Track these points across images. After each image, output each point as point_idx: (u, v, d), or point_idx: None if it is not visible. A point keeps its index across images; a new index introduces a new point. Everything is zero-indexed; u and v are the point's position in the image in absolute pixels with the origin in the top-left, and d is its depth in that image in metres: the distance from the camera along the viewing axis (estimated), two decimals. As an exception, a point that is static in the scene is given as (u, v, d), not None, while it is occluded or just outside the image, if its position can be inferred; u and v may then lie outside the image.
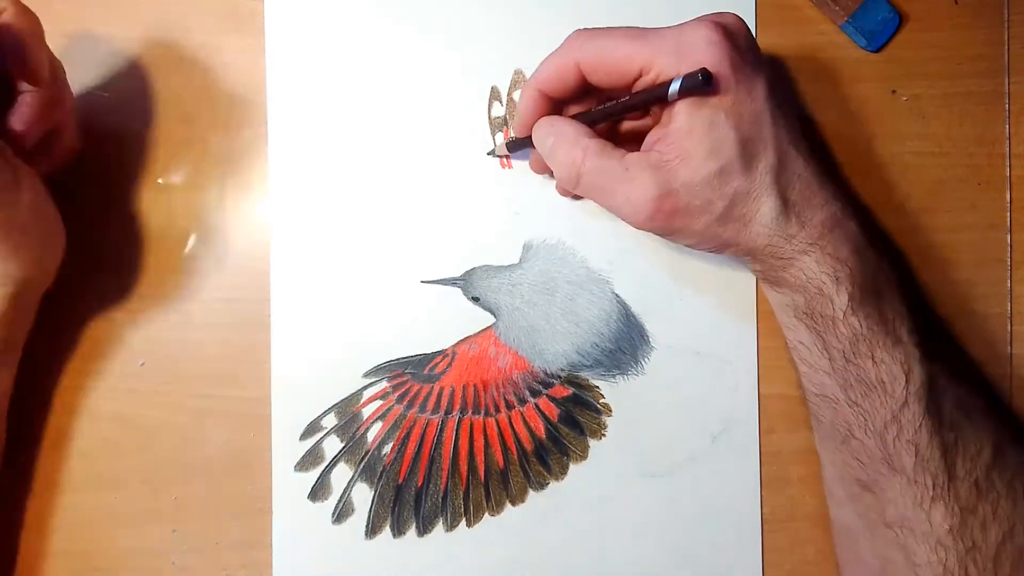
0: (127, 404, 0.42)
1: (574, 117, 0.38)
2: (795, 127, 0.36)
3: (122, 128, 0.42)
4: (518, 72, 0.43)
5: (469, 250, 0.43)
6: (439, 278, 0.43)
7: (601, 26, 0.36)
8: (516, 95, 0.43)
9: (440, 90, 0.43)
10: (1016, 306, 0.44)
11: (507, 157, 0.43)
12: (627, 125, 0.40)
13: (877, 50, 0.44)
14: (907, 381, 0.34)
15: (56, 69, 0.37)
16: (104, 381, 0.42)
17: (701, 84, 0.33)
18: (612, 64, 0.35)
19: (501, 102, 0.43)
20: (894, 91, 0.44)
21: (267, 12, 0.43)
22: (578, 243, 0.43)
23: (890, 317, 0.35)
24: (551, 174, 0.42)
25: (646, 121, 0.38)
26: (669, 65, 0.33)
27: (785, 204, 0.35)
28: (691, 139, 0.34)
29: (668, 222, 0.35)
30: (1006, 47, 0.44)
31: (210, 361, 0.42)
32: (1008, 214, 0.44)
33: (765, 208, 0.34)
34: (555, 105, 0.38)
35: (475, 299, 0.43)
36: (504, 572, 0.42)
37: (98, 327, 0.42)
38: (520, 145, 0.40)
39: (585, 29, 0.36)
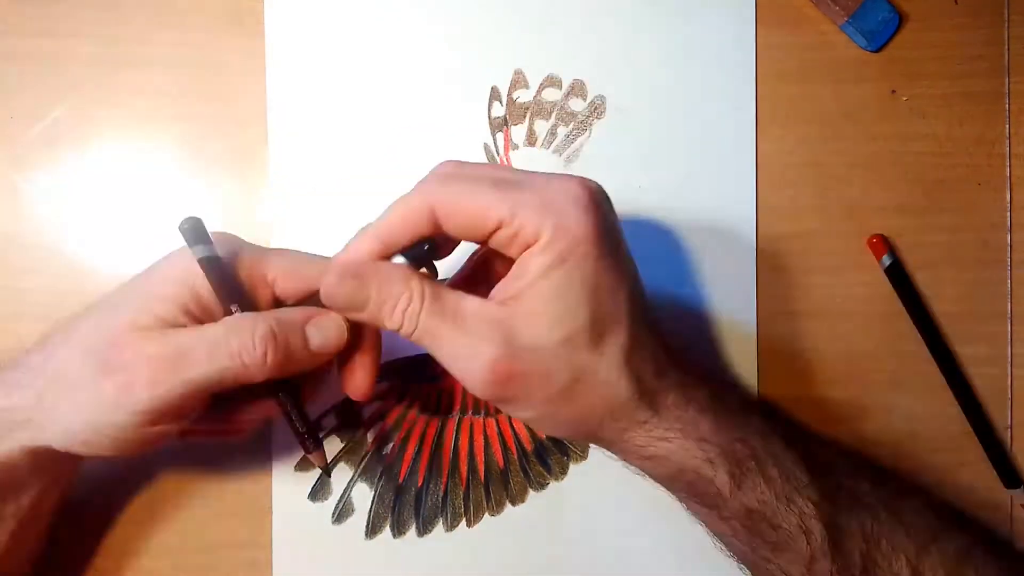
0: (127, 404, 0.42)
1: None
2: (648, 303, 0.34)
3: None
4: (518, 72, 0.43)
5: (469, 250, 0.43)
6: (439, 278, 0.43)
7: (469, 161, 0.33)
8: (516, 95, 0.43)
9: (440, 90, 0.43)
10: (1016, 306, 0.44)
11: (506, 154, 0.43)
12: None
13: (877, 50, 0.44)
14: (808, 540, 0.33)
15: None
16: (104, 381, 0.42)
17: (424, 255, 0.31)
18: (470, 215, 0.31)
19: (501, 102, 0.43)
20: (894, 91, 0.44)
21: (267, 12, 0.43)
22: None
23: (775, 477, 0.33)
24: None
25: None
26: (533, 219, 0.30)
27: (639, 386, 0.32)
28: (541, 298, 0.30)
29: (506, 386, 0.31)
30: (1006, 47, 0.44)
31: (210, 361, 0.42)
32: (1008, 214, 0.44)
33: (615, 390, 0.32)
34: (391, 253, 0.33)
35: (475, 299, 0.43)
36: (504, 572, 0.42)
37: (98, 327, 0.42)
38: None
39: (445, 166, 0.33)
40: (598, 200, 0.32)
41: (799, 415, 0.43)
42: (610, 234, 0.32)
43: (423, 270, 0.33)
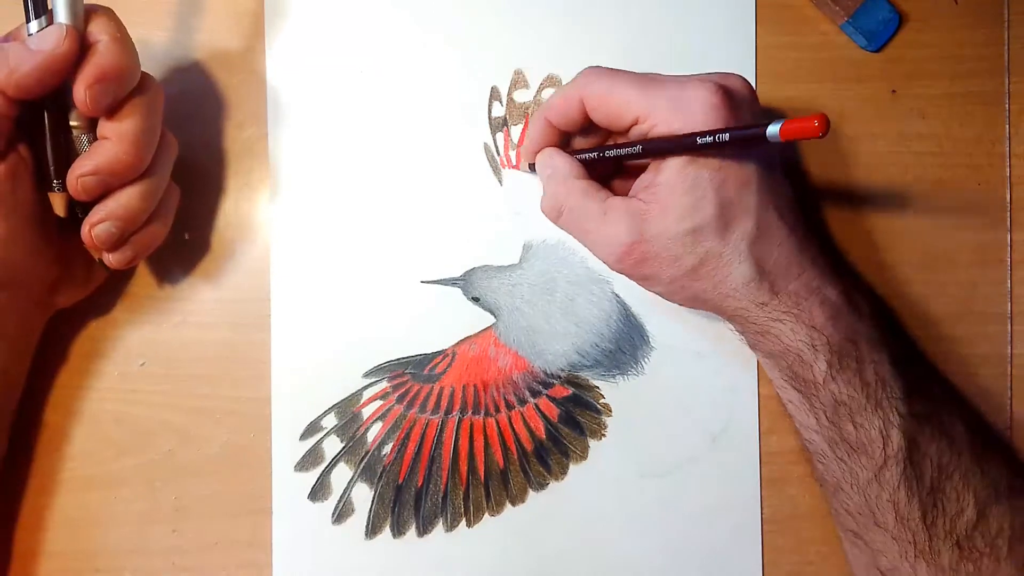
0: (127, 404, 0.42)
1: (575, 152, 0.38)
2: (785, 196, 0.36)
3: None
4: (518, 72, 0.43)
5: (469, 250, 0.43)
6: (439, 278, 0.43)
7: (613, 67, 0.36)
8: (516, 95, 0.43)
9: (440, 90, 0.43)
10: (1016, 306, 0.44)
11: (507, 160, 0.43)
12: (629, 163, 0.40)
13: (877, 50, 0.44)
14: (884, 446, 0.34)
15: (168, 149, 0.37)
16: (104, 381, 0.42)
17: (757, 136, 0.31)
18: (611, 107, 0.35)
19: (501, 102, 0.43)
20: (894, 91, 0.44)
21: (267, 12, 0.43)
22: (578, 243, 0.43)
23: (871, 381, 0.35)
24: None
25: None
26: (664, 120, 0.34)
27: (760, 272, 0.35)
28: (672, 194, 0.34)
29: (637, 267, 0.36)
30: (1006, 47, 0.44)
31: (210, 361, 0.42)
32: (1008, 214, 0.44)
33: (736, 273, 0.35)
34: (562, 135, 0.39)
35: (475, 299, 0.43)
36: (504, 572, 0.42)
37: (98, 327, 0.42)
38: (534, 170, 0.41)
39: (596, 68, 0.36)
40: (729, 101, 0.34)
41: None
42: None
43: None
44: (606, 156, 0.37)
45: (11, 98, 0.33)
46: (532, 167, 0.40)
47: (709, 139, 0.32)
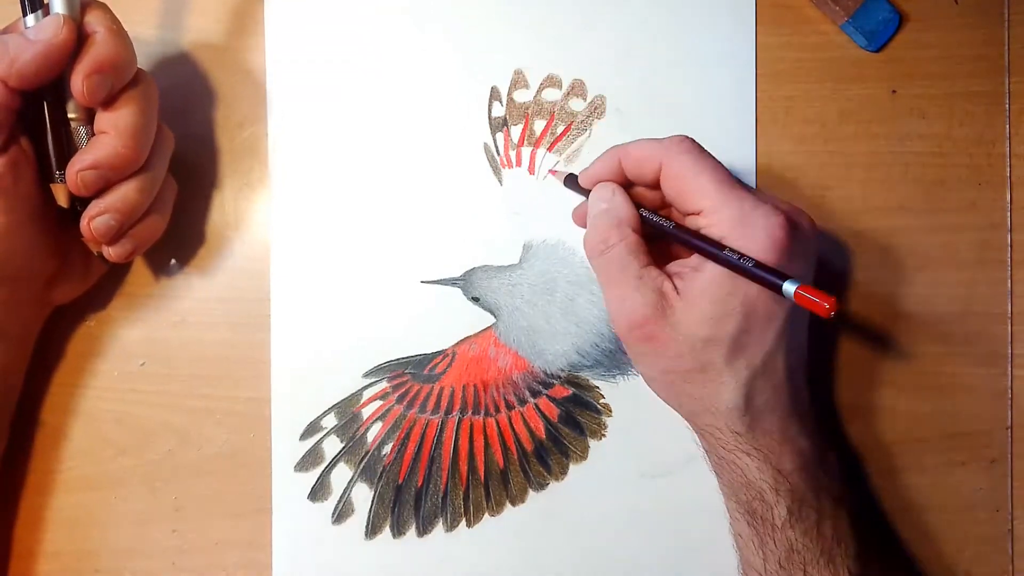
0: (127, 404, 0.42)
1: (640, 204, 0.38)
2: (799, 342, 0.37)
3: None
4: (518, 72, 0.43)
5: (469, 250, 0.43)
6: (439, 278, 0.43)
7: (705, 150, 0.36)
8: (516, 95, 0.43)
9: (440, 90, 0.43)
10: (1016, 306, 0.44)
11: (512, 150, 0.43)
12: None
13: (877, 50, 0.44)
14: None
15: (164, 141, 0.38)
16: (104, 381, 0.42)
17: (772, 283, 0.33)
18: (683, 189, 0.35)
19: (501, 102, 0.43)
20: (894, 91, 0.44)
21: (267, 12, 0.43)
22: (578, 243, 0.43)
23: (827, 535, 0.35)
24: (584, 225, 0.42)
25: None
26: (723, 227, 0.34)
27: (747, 404, 0.35)
28: (703, 297, 0.34)
29: (640, 343, 0.36)
30: (1006, 47, 0.44)
31: (210, 361, 0.42)
32: (1008, 214, 0.44)
33: (725, 395, 0.35)
34: (624, 179, 0.38)
35: (475, 299, 0.43)
36: (504, 572, 0.42)
37: (98, 327, 0.42)
38: (574, 187, 0.40)
39: (690, 142, 0.36)
40: (792, 240, 0.34)
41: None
42: (788, 270, 0.33)
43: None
44: (657, 226, 0.37)
45: (12, 89, 0.33)
46: (568, 182, 0.40)
47: (734, 257, 0.33)
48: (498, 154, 0.43)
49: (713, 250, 0.34)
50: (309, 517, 0.42)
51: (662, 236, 0.37)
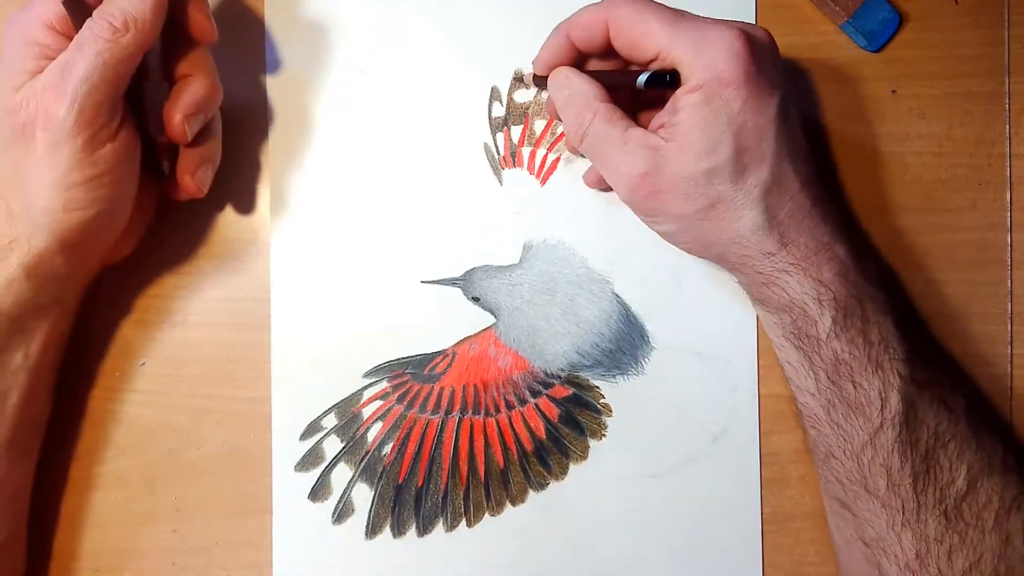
0: (127, 404, 0.42)
1: (589, 73, 0.37)
2: (801, 149, 0.36)
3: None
4: (518, 72, 0.43)
5: (469, 250, 0.43)
6: (439, 278, 0.43)
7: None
8: (516, 95, 0.43)
9: (440, 90, 0.43)
10: (1016, 306, 0.44)
11: (511, 155, 0.43)
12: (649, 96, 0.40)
13: (877, 50, 0.44)
14: (882, 407, 0.34)
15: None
16: (104, 381, 0.42)
17: (667, 84, 0.34)
18: (635, 37, 0.35)
19: (501, 102, 0.43)
20: (894, 91, 0.44)
21: (267, 12, 0.43)
22: (578, 243, 0.43)
23: (874, 342, 0.35)
24: (602, 188, 0.42)
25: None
26: (684, 58, 0.34)
27: (770, 221, 0.35)
28: (690, 133, 0.34)
29: (648, 200, 0.35)
30: (1006, 47, 0.44)
31: (210, 361, 0.42)
32: (1008, 214, 0.44)
33: (746, 219, 0.35)
34: (578, 55, 0.38)
35: (475, 299, 0.43)
36: (504, 572, 0.42)
37: (99, 327, 0.42)
38: (540, 84, 0.39)
39: None
40: (752, 47, 0.34)
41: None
42: (760, 79, 0.34)
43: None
44: (613, 80, 0.37)
45: (140, 48, 0.34)
46: (537, 81, 0.39)
47: (635, 75, 0.34)
48: (498, 154, 0.43)
49: (631, 79, 0.34)
50: (309, 517, 0.42)
51: (640, 101, 0.38)
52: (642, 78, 0.34)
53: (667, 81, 0.34)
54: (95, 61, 0.33)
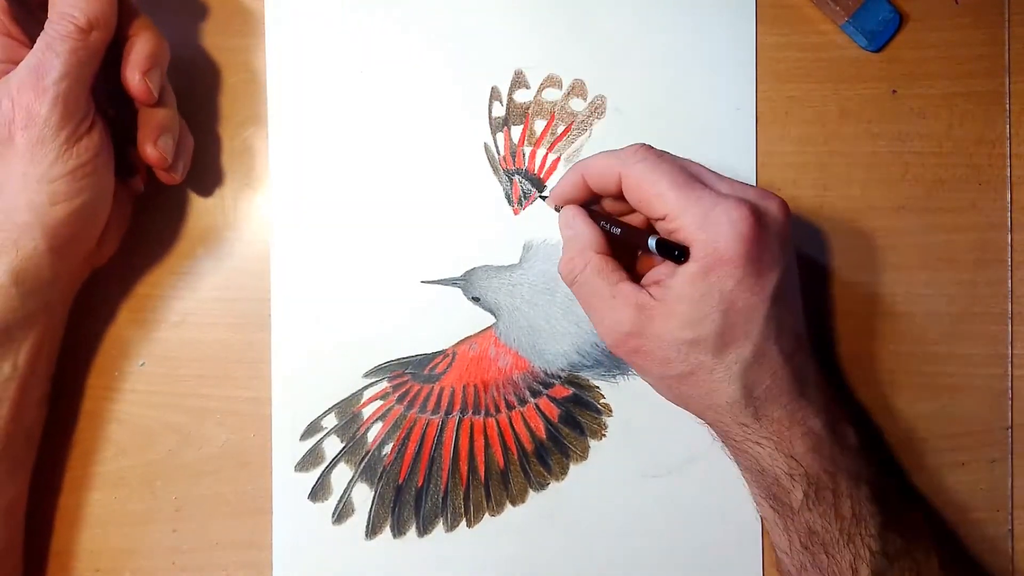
0: (127, 404, 0.42)
1: (597, 213, 0.38)
2: (791, 324, 0.36)
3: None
4: (518, 72, 0.43)
5: (469, 250, 0.43)
6: (439, 278, 0.43)
7: (665, 151, 0.36)
8: (516, 95, 0.43)
9: (440, 90, 0.43)
10: (1016, 306, 0.44)
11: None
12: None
13: (877, 50, 0.44)
14: None
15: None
16: (104, 381, 0.42)
17: (675, 257, 0.34)
18: (644, 195, 0.35)
19: (501, 102, 0.43)
20: (894, 91, 0.44)
21: (267, 12, 0.43)
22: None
23: (846, 516, 0.35)
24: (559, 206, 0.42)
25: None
26: (689, 228, 0.34)
27: (746, 397, 0.35)
28: (680, 301, 0.34)
29: (631, 356, 0.36)
30: (1006, 47, 0.44)
31: (210, 361, 0.42)
32: (1008, 214, 0.44)
33: (723, 393, 0.35)
34: (591, 194, 0.38)
35: (475, 299, 0.43)
36: (504, 572, 0.42)
37: (98, 327, 0.42)
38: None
39: (645, 148, 0.36)
40: (758, 227, 0.33)
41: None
42: (760, 260, 0.34)
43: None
44: (618, 233, 0.37)
45: (100, 42, 0.35)
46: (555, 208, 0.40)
47: (648, 239, 0.35)
48: (498, 154, 0.43)
49: (642, 239, 0.35)
50: (309, 517, 0.42)
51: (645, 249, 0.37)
52: (652, 242, 0.34)
53: (675, 255, 0.34)
54: (71, 59, 0.34)
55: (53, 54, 0.34)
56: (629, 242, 0.37)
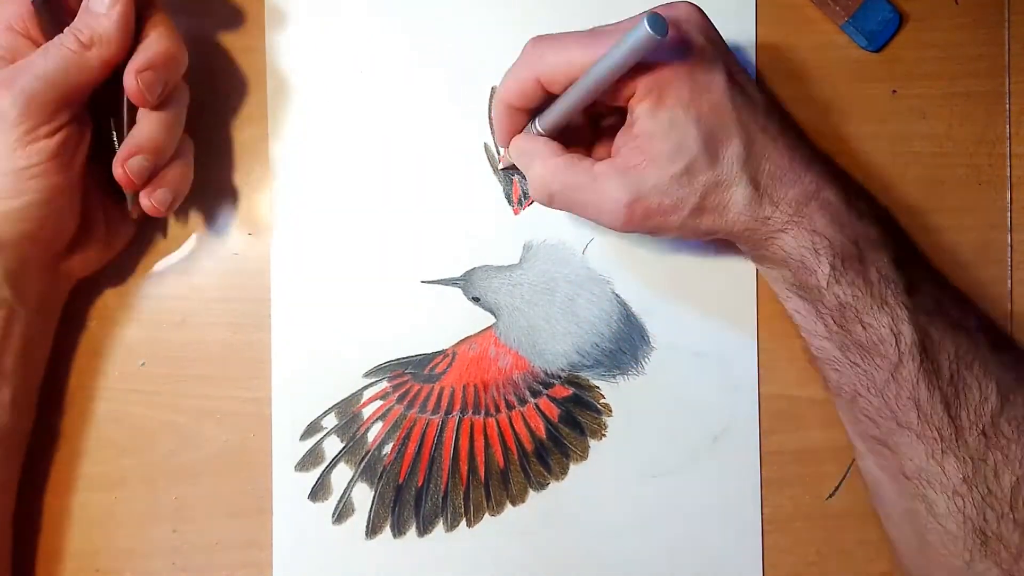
0: (127, 404, 0.42)
1: (541, 118, 0.37)
2: (760, 107, 0.36)
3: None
4: (518, 72, 0.43)
5: (469, 250, 0.43)
6: (439, 278, 0.43)
7: (557, 32, 0.35)
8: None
9: (440, 90, 0.43)
10: (1016, 306, 0.44)
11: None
12: (605, 124, 0.40)
13: (877, 50, 0.44)
14: (897, 342, 0.34)
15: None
16: (104, 381, 0.42)
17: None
18: (568, 75, 0.34)
19: (501, 102, 0.43)
20: (894, 91, 0.44)
21: (267, 12, 0.43)
22: (578, 243, 0.43)
23: (875, 280, 0.35)
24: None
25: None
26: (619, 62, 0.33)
27: (756, 188, 0.35)
28: (654, 141, 0.34)
29: (644, 223, 0.35)
30: (1006, 47, 0.44)
31: (210, 361, 0.42)
32: (1008, 214, 0.44)
33: (737, 195, 0.35)
34: (527, 114, 0.38)
35: (475, 299, 0.43)
36: (504, 572, 0.42)
37: (98, 327, 0.42)
38: (510, 167, 0.40)
39: (539, 38, 0.35)
40: (683, 28, 0.34)
41: (799, 415, 0.43)
42: (700, 60, 0.34)
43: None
44: (564, 111, 0.36)
45: (105, 65, 0.35)
46: (506, 162, 0.40)
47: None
48: (498, 154, 0.43)
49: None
50: (309, 517, 0.42)
51: (599, 133, 0.37)
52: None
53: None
54: (55, 64, 0.34)
55: (41, 55, 0.34)
56: (581, 128, 0.36)
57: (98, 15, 0.34)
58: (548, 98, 0.36)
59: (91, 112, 0.37)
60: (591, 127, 0.40)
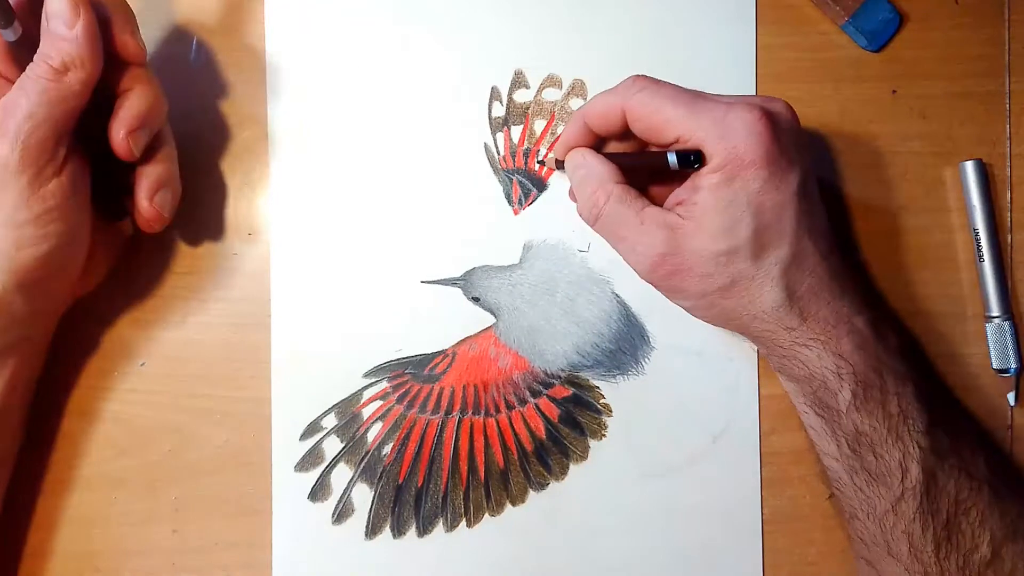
0: (127, 404, 0.42)
1: (607, 155, 0.37)
2: (820, 223, 0.36)
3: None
4: (518, 72, 0.43)
5: (469, 250, 0.43)
6: (439, 278, 0.43)
7: (659, 78, 0.36)
8: (516, 95, 0.43)
9: (440, 90, 0.43)
10: (1016, 306, 0.44)
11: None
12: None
13: (878, 50, 0.44)
14: (903, 478, 0.34)
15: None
16: (104, 381, 0.42)
17: (691, 163, 0.34)
18: (654, 123, 0.35)
19: (501, 102, 0.43)
20: (894, 91, 0.44)
21: (267, 12, 0.43)
22: (578, 243, 0.43)
23: (894, 414, 0.35)
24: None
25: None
26: (707, 141, 0.34)
27: (790, 297, 0.35)
28: (707, 213, 0.34)
29: (667, 279, 0.36)
30: (1006, 47, 0.44)
31: (210, 361, 0.42)
32: (1008, 214, 0.44)
33: (767, 297, 0.35)
34: (596, 139, 0.38)
35: (475, 299, 0.43)
36: (504, 572, 0.42)
37: (98, 327, 0.42)
38: (561, 167, 0.40)
39: (642, 78, 0.36)
40: (772, 126, 0.34)
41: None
42: (781, 158, 0.34)
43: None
44: (634, 163, 0.37)
45: (85, 87, 0.34)
46: (558, 164, 0.40)
47: (665, 156, 0.34)
48: (498, 154, 0.43)
49: (662, 160, 0.34)
50: (309, 517, 0.42)
51: (659, 180, 0.37)
52: (672, 158, 0.34)
53: (691, 161, 0.34)
54: (39, 99, 0.33)
55: (22, 93, 0.33)
56: (643, 168, 0.37)
57: (63, 38, 0.33)
58: (623, 133, 0.37)
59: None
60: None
